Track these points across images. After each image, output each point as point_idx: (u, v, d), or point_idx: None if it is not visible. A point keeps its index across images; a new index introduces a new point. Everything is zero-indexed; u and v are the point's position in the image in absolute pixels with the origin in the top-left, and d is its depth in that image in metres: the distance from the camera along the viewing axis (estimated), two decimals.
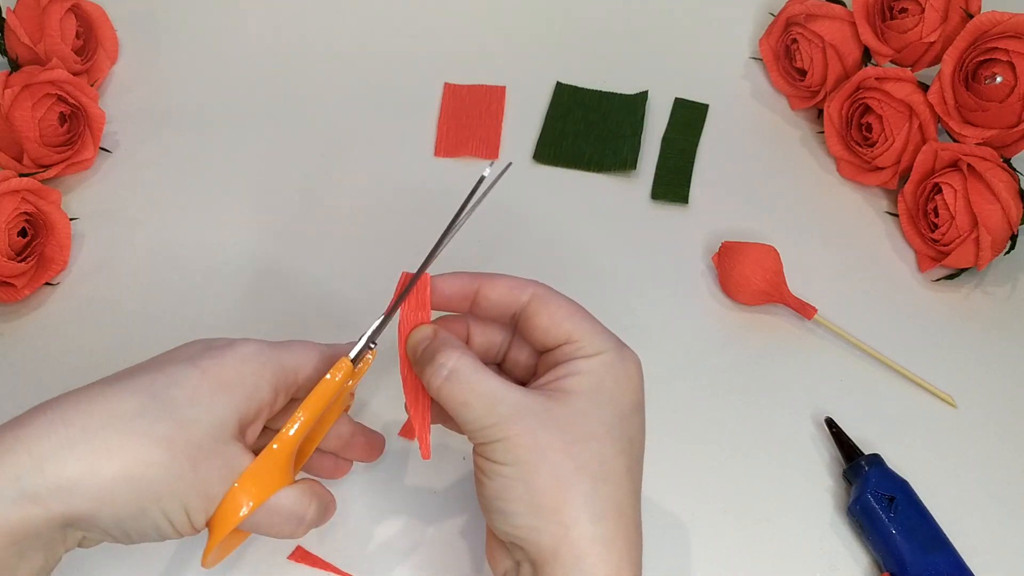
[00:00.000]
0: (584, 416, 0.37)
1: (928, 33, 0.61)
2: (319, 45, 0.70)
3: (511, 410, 0.37)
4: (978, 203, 0.56)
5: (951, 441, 0.53)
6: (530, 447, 0.36)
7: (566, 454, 0.36)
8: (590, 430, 0.37)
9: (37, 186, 0.56)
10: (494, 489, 0.37)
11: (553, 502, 0.36)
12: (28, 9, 0.61)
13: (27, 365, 0.55)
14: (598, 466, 0.37)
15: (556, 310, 0.40)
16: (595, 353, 0.39)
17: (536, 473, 0.36)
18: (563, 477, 0.36)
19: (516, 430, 0.37)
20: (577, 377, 0.38)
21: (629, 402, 0.39)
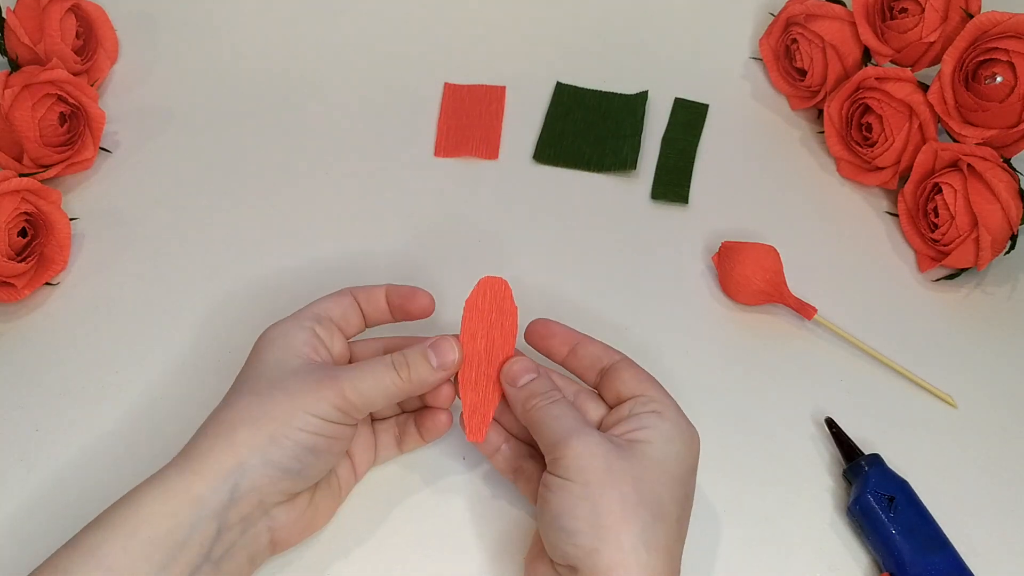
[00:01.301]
0: (652, 462, 0.42)
1: (928, 33, 0.61)
2: (319, 45, 0.71)
3: (590, 436, 0.42)
4: (978, 203, 0.56)
5: (951, 441, 0.53)
6: (602, 470, 0.40)
7: (633, 487, 0.40)
8: (655, 475, 0.41)
9: (37, 186, 0.56)
10: (558, 506, 0.41)
11: (616, 526, 0.39)
12: (28, 9, 0.61)
13: (27, 365, 0.55)
14: (657, 506, 0.41)
15: (638, 372, 0.46)
16: (663, 412, 0.44)
17: (604, 495, 0.40)
18: (628, 506, 0.40)
19: (594, 451, 0.41)
20: (648, 431, 0.43)
21: (689, 466, 0.43)
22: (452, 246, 0.61)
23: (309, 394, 0.42)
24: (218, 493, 0.41)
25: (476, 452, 0.52)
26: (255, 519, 0.42)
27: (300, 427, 0.42)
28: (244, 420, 0.42)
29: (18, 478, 0.50)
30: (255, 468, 0.41)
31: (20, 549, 0.48)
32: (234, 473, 0.41)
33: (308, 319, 0.46)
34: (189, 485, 0.40)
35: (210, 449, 0.41)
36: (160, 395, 0.54)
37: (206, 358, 0.55)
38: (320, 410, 0.42)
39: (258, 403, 0.42)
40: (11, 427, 0.52)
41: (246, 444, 0.41)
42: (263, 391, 0.43)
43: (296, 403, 0.42)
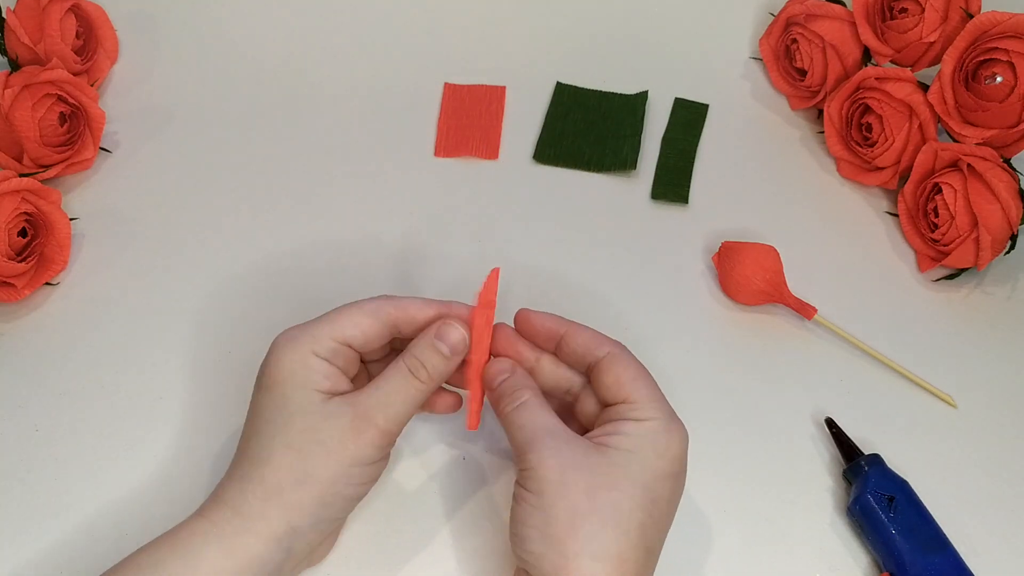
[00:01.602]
0: (614, 468, 0.41)
1: (928, 33, 0.61)
2: (319, 45, 0.70)
3: (552, 445, 0.42)
4: (978, 203, 0.56)
5: (951, 441, 0.54)
6: (556, 482, 0.40)
7: (586, 495, 0.40)
8: (614, 481, 0.41)
9: (37, 186, 0.56)
10: (518, 514, 0.41)
11: (561, 534, 0.40)
12: (28, 9, 0.61)
13: (27, 365, 0.55)
14: (611, 513, 0.40)
15: (623, 371, 0.44)
16: (644, 419, 0.43)
17: (554, 506, 0.40)
18: (577, 515, 0.40)
19: (549, 464, 0.41)
20: (620, 437, 0.42)
21: (662, 469, 0.42)
22: (452, 246, 0.61)
23: (349, 445, 0.42)
24: (275, 554, 0.41)
25: (476, 452, 0.52)
26: (302, 561, 0.44)
27: (348, 483, 0.42)
28: (291, 484, 0.41)
29: (18, 478, 0.50)
30: (307, 529, 0.42)
31: (19, 549, 0.48)
32: (288, 536, 0.41)
33: (326, 344, 0.44)
34: (248, 546, 0.41)
35: (262, 513, 0.41)
36: (160, 395, 0.54)
37: (206, 358, 0.55)
38: (364, 456, 0.42)
39: (299, 461, 0.41)
40: (11, 427, 0.52)
41: (297, 509, 0.41)
42: (300, 444, 0.42)
43: (340, 459, 0.42)
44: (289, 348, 0.43)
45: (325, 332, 0.44)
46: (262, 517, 0.41)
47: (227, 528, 0.41)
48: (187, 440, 0.52)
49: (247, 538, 0.41)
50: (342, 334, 0.44)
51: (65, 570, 0.47)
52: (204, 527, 0.41)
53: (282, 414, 0.42)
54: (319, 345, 0.43)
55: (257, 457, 0.42)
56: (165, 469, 0.51)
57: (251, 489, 0.42)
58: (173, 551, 0.41)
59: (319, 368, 0.43)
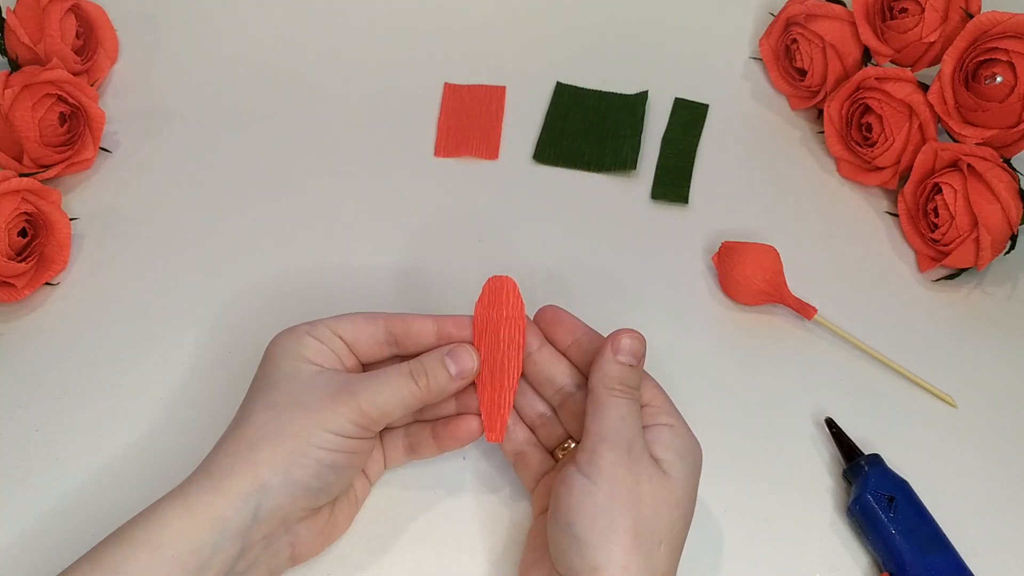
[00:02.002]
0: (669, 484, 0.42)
1: (928, 33, 0.61)
2: (319, 45, 0.71)
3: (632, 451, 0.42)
4: (978, 203, 0.56)
5: (951, 441, 0.54)
6: (630, 488, 0.41)
7: (652, 511, 0.41)
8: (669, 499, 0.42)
9: (37, 186, 0.56)
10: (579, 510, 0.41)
11: (626, 549, 0.40)
12: (28, 9, 0.61)
13: (27, 365, 0.55)
14: (665, 532, 0.41)
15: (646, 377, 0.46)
16: (671, 425, 0.44)
17: (624, 515, 0.40)
18: (642, 532, 0.40)
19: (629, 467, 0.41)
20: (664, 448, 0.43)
21: (694, 485, 0.43)
22: (452, 246, 0.61)
23: (326, 410, 0.42)
24: (241, 513, 0.40)
25: (476, 452, 0.52)
26: (277, 536, 0.43)
27: (319, 445, 0.42)
28: (263, 438, 0.42)
29: (18, 478, 0.50)
30: (276, 488, 0.41)
31: (20, 549, 0.48)
32: (256, 494, 0.41)
33: (321, 330, 0.45)
34: (212, 505, 0.40)
35: (231, 468, 0.41)
36: (160, 395, 0.54)
37: (207, 358, 0.55)
38: (338, 426, 0.42)
39: (275, 419, 0.42)
40: (11, 427, 0.52)
41: (267, 464, 0.41)
42: (280, 405, 0.42)
43: (314, 420, 0.42)
44: (286, 334, 0.46)
45: (322, 322, 0.46)
46: (230, 474, 0.41)
47: (192, 488, 0.41)
48: (187, 440, 0.52)
49: (211, 496, 0.40)
50: (336, 326, 0.46)
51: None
52: (173, 492, 0.42)
53: (269, 380, 0.44)
54: (314, 329, 0.45)
55: (237, 420, 0.43)
56: (165, 469, 0.51)
57: (223, 448, 0.42)
58: (139, 519, 0.41)
59: (311, 345, 0.45)
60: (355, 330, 0.46)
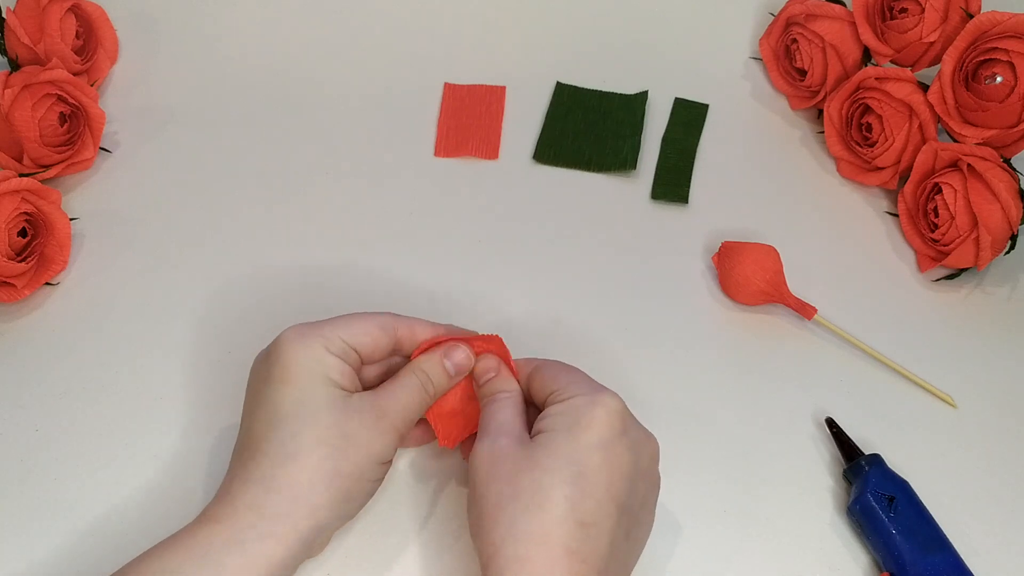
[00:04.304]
0: (539, 449, 0.41)
1: (928, 33, 0.61)
2: (319, 45, 0.71)
3: (494, 441, 0.43)
4: (978, 203, 0.56)
5: (951, 441, 0.53)
6: (485, 472, 0.42)
7: (508, 483, 0.41)
8: (536, 461, 0.41)
9: (37, 186, 0.56)
10: (467, 506, 0.43)
11: (489, 524, 0.40)
12: (28, 9, 0.61)
13: (27, 365, 0.55)
14: (531, 495, 0.40)
15: (548, 370, 0.46)
16: (567, 398, 0.43)
17: (483, 496, 0.41)
18: (500, 503, 0.40)
19: (482, 456, 0.42)
20: (544, 421, 0.43)
21: (587, 440, 0.41)
22: (452, 246, 0.61)
23: (375, 443, 0.42)
24: (298, 555, 0.41)
25: None
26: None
27: (369, 478, 0.43)
28: (319, 480, 0.41)
29: (18, 479, 0.50)
30: (329, 526, 0.42)
31: (20, 549, 0.48)
32: (314, 533, 0.41)
33: (338, 344, 0.44)
34: (272, 554, 0.40)
35: (289, 513, 0.40)
36: (160, 395, 0.54)
37: (206, 358, 0.55)
38: (386, 454, 0.43)
39: (329, 458, 0.41)
40: (11, 427, 0.52)
41: (325, 507, 0.41)
42: (331, 441, 0.41)
43: (367, 454, 0.42)
44: (301, 344, 0.43)
45: (337, 333, 0.44)
46: (288, 517, 0.40)
47: (250, 534, 0.40)
48: (187, 440, 0.52)
49: (271, 544, 0.40)
50: (352, 338, 0.44)
51: (65, 571, 0.47)
52: (223, 533, 0.40)
53: (307, 408, 0.42)
54: (331, 344, 0.44)
55: (281, 454, 0.41)
56: (165, 469, 0.51)
57: (277, 489, 0.40)
58: (190, 557, 0.39)
59: (335, 365, 0.43)
60: (372, 343, 0.45)
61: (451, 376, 0.46)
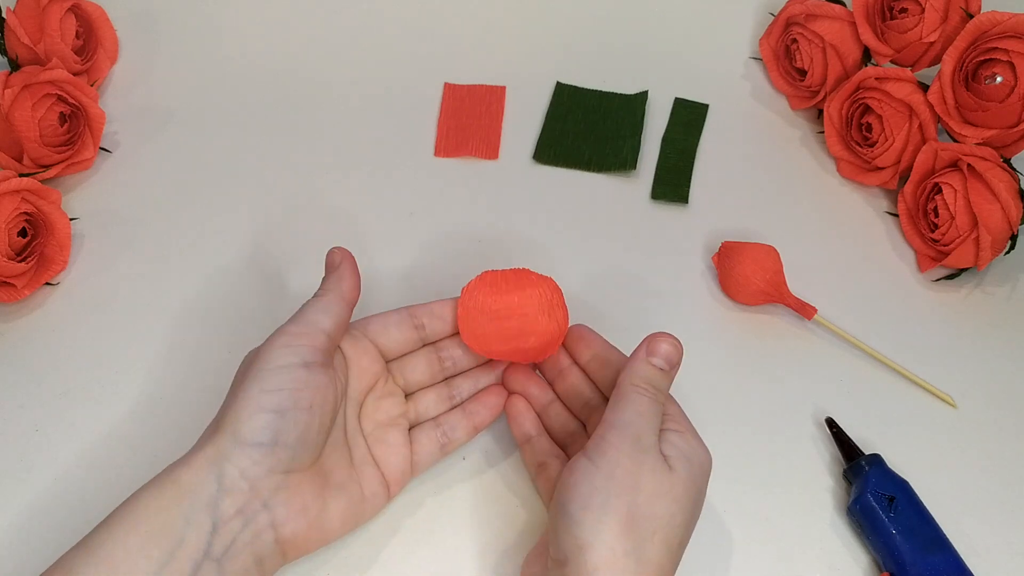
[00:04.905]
0: (671, 480, 0.41)
1: (928, 33, 0.61)
2: (319, 45, 0.71)
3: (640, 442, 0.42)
4: (978, 203, 0.56)
5: (951, 441, 0.54)
6: (630, 473, 0.41)
7: (647, 500, 0.40)
8: (670, 494, 0.41)
9: (37, 186, 0.56)
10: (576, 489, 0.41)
11: (616, 530, 0.40)
12: (28, 9, 0.61)
13: (27, 365, 0.55)
14: (661, 525, 0.41)
15: None
16: (681, 431, 0.44)
17: (619, 498, 0.40)
18: (635, 517, 0.40)
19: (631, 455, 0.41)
20: (671, 446, 0.43)
21: (699, 489, 0.43)
22: (452, 246, 0.61)
23: (265, 351, 0.44)
24: (205, 482, 0.41)
25: (476, 453, 0.52)
26: (253, 512, 0.41)
27: (261, 389, 0.42)
28: (224, 408, 0.43)
29: (18, 478, 0.50)
30: (231, 450, 0.41)
31: (21, 549, 0.48)
32: (217, 460, 0.41)
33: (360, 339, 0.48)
34: (179, 477, 0.41)
35: (200, 443, 0.42)
36: (161, 395, 0.54)
37: (207, 358, 0.55)
38: (273, 359, 0.43)
39: (235, 387, 0.44)
40: (11, 427, 0.52)
41: (224, 429, 0.42)
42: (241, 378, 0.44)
43: (257, 367, 0.43)
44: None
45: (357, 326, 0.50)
46: (198, 447, 0.42)
47: (167, 469, 0.42)
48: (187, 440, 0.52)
49: (177, 469, 0.41)
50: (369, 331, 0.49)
51: None
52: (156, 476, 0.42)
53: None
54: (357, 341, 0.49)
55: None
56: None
57: (202, 435, 0.43)
58: (122, 504, 0.41)
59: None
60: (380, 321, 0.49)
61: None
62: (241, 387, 0.43)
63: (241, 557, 0.41)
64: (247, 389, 0.42)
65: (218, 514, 0.41)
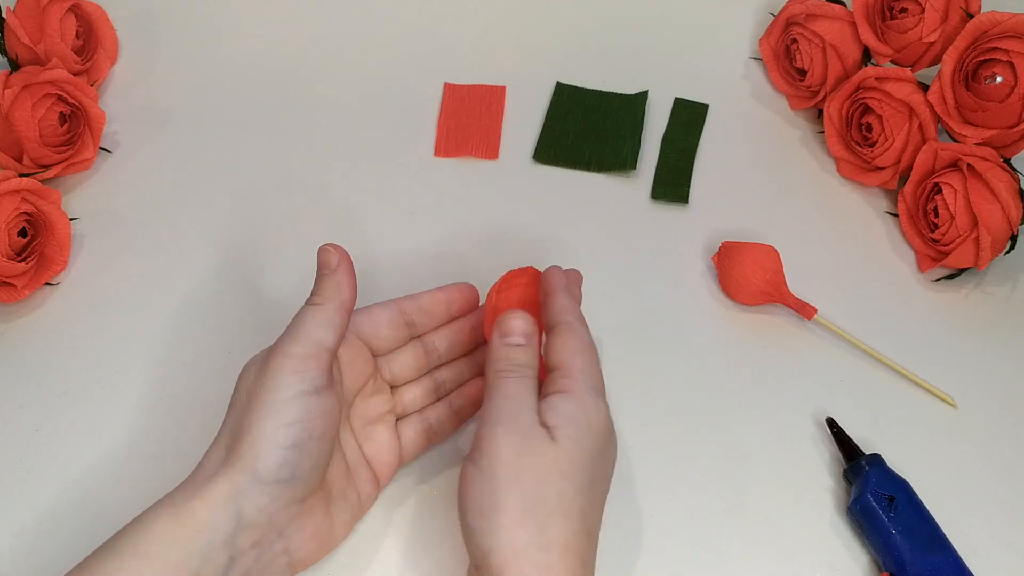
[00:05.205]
0: (561, 452, 0.40)
1: (928, 33, 0.61)
2: (319, 45, 0.71)
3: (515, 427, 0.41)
4: (978, 203, 0.56)
5: (951, 441, 0.54)
6: (511, 465, 0.40)
7: (534, 483, 0.39)
8: (560, 466, 0.40)
9: (37, 186, 0.56)
10: (468, 500, 0.40)
11: (511, 526, 0.39)
12: (28, 9, 0.61)
13: (27, 365, 0.55)
14: (558, 501, 0.39)
15: (570, 339, 0.44)
16: (572, 391, 0.42)
17: (507, 494, 0.39)
18: (527, 504, 0.39)
19: (507, 444, 0.40)
20: (555, 413, 0.41)
21: (594, 449, 0.41)
22: (452, 246, 0.61)
23: (267, 379, 0.41)
24: (224, 520, 0.40)
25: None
26: (269, 543, 0.41)
27: (275, 425, 0.41)
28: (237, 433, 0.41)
29: (18, 479, 0.50)
30: (251, 489, 0.40)
31: (21, 549, 0.48)
32: (235, 497, 0.40)
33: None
34: (196, 513, 0.40)
35: (214, 475, 0.41)
36: (161, 395, 0.54)
37: (207, 358, 0.55)
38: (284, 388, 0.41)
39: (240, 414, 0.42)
40: (11, 427, 0.52)
41: (238, 466, 0.40)
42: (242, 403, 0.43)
43: (264, 399, 0.41)
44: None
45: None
46: (213, 479, 0.40)
47: (179, 495, 0.40)
48: (187, 440, 0.52)
49: (195, 503, 0.40)
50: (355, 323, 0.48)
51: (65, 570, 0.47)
52: (163, 499, 0.41)
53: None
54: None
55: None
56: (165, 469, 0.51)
57: (210, 454, 0.42)
58: (128, 529, 0.40)
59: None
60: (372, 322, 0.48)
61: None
62: (252, 417, 0.41)
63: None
64: (262, 421, 0.41)
65: (235, 549, 0.40)
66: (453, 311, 0.50)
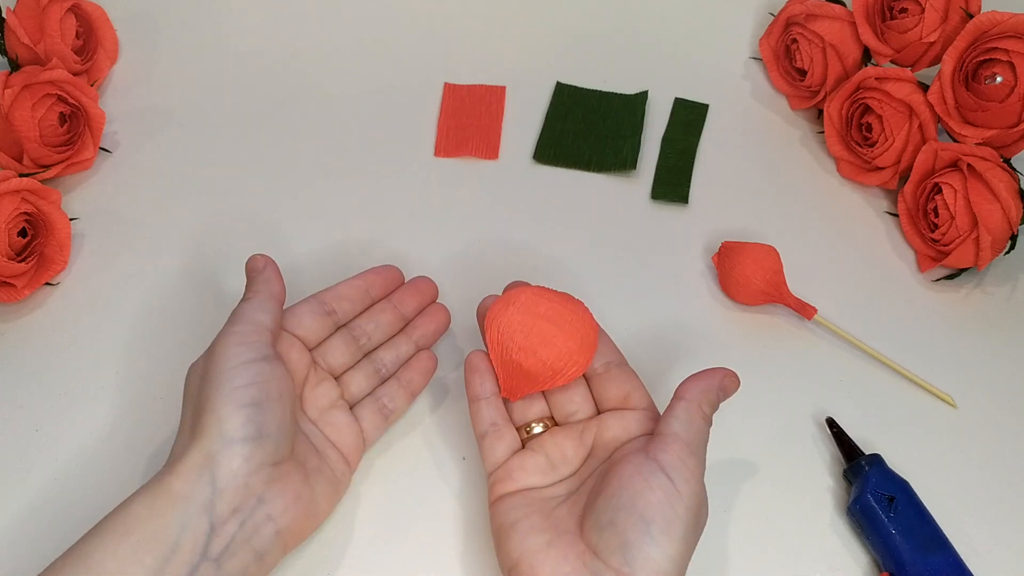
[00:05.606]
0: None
1: (928, 33, 0.61)
2: (319, 45, 0.71)
3: (692, 447, 0.44)
4: (978, 203, 0.56)
5: (951, 441, 0.54)
6: (695, 481, 0.43)
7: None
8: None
9: (37, 186, 0.56)
10: (647, 495, 0.42)
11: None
12: (28, 9, 0.61)
13: (27, 365, 0.55)
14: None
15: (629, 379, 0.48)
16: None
17: (686, 507, 0.42)
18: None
19: (693, 461, 0.44)
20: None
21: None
22: (452, 246, 0.61)
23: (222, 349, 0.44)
24: (198, 487, 0.41)
25: (477, 452, 0.52)
26: (251, 508, 0.42)
27: (233, 386, 0.43)
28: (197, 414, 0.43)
29: (18, 478, 0.50)
30: (219, 452, 0.41)
31: (21, 549, 0.48)
32: (207, 463, 0.41)
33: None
34: (170, 486, 0.41)
35: (185, 448, 0.42)
36: (161, 395, 0.54)
37: None
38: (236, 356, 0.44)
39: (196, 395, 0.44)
40: (11, 427, 0.52)
41: (206, 434, 0.42)
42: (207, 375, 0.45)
43: (221, 367, 0.43)
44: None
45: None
46: (185, 452, 0.42)
47: (155, 478, 0.42)
48: None
49: (169, 477, 0.41)
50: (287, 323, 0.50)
51: None
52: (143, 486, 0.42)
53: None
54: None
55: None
56: None
57: (177, 440, 0.44)
58: (112, 512, 0.41)
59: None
60: (295, 316, 0.50)
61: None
62: (209, 390, 0.43)
63: (240, 554, 0.41)
64: (218, 389, 0.43)
65: (215, 516, 0.41)
66: (374, 295, 0.52)
